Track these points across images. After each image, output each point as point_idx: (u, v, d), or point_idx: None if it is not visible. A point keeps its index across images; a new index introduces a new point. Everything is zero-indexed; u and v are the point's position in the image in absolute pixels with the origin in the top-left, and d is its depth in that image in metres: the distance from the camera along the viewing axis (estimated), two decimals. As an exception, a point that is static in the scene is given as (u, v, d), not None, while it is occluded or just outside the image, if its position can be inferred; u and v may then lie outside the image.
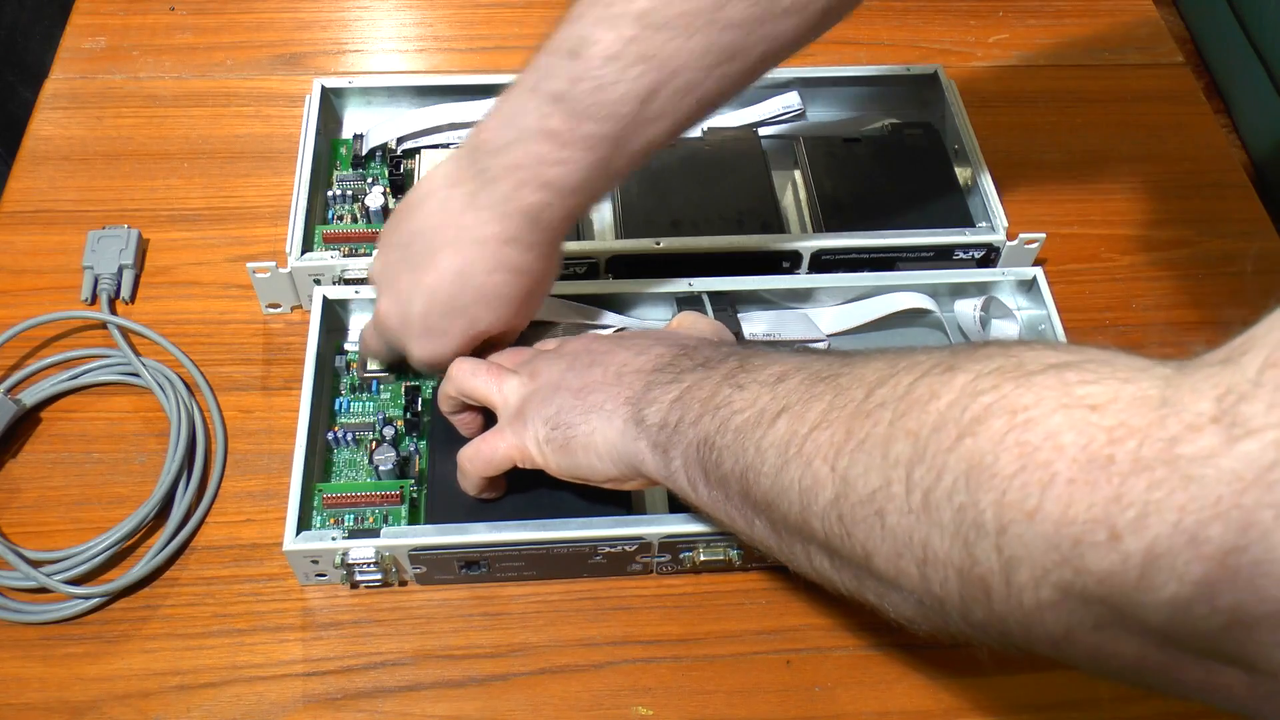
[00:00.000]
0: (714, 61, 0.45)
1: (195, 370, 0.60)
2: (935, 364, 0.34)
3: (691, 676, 0.52)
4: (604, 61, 0.45)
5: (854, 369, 0.38)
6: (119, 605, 0.53)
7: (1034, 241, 0.64)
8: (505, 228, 0.48)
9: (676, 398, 0.43)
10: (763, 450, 0.39)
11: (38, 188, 0.69)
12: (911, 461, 0.33)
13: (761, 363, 0.42)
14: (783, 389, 0.39)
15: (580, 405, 0.46)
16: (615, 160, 0.47)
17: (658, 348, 0.47)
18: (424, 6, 0.81)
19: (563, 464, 0.48)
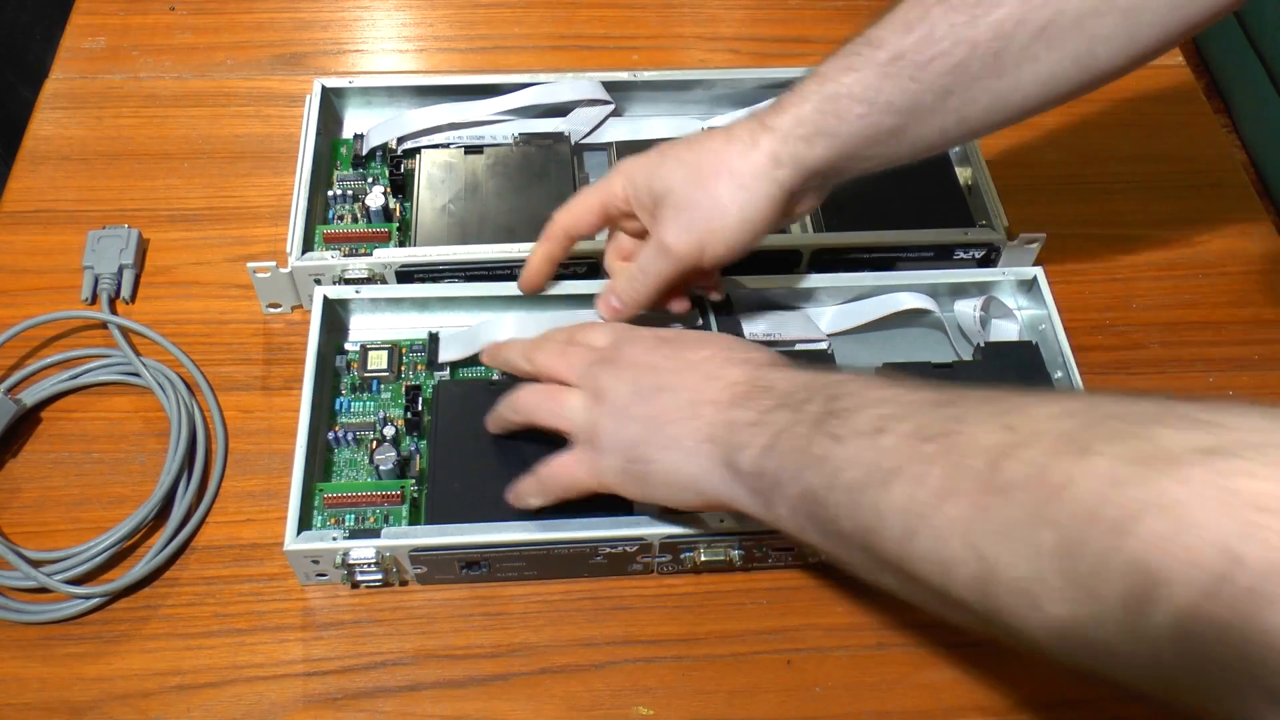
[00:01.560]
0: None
1: (195, 370, 0.60)
2: (1062, 439, 0.33)
3: (692, 676, 0.52)
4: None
5: (963, 429, 0.36)
6: (119, 605, 0.53)
7: (1034, 241, 0.64)
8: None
9: (768, 445, 0.42)
10: (882, 515, 0.37)
11: (38, 188, 0.69)
12: (1064, 554, 0.31)
13: (851, 405, 0.40)
14: (886, 446, 0.38)
15: (656, 439, 0.45)
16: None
17: (728, 373, 0.45)
18: (424, 6, 0.81)
19: (641, 493, 0.47)
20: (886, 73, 0.47)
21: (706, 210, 0.50)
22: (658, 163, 0.52)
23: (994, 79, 0.47)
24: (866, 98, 0.47)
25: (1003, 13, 0.45)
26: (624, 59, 0.79)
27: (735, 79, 0.71)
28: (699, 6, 0.83)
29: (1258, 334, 0.66)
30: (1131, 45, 0.47)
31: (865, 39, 0.48)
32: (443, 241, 0.63)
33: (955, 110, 0.48)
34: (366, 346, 0.59)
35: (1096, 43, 0.46)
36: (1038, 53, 0.46)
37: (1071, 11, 0.45)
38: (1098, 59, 0.47)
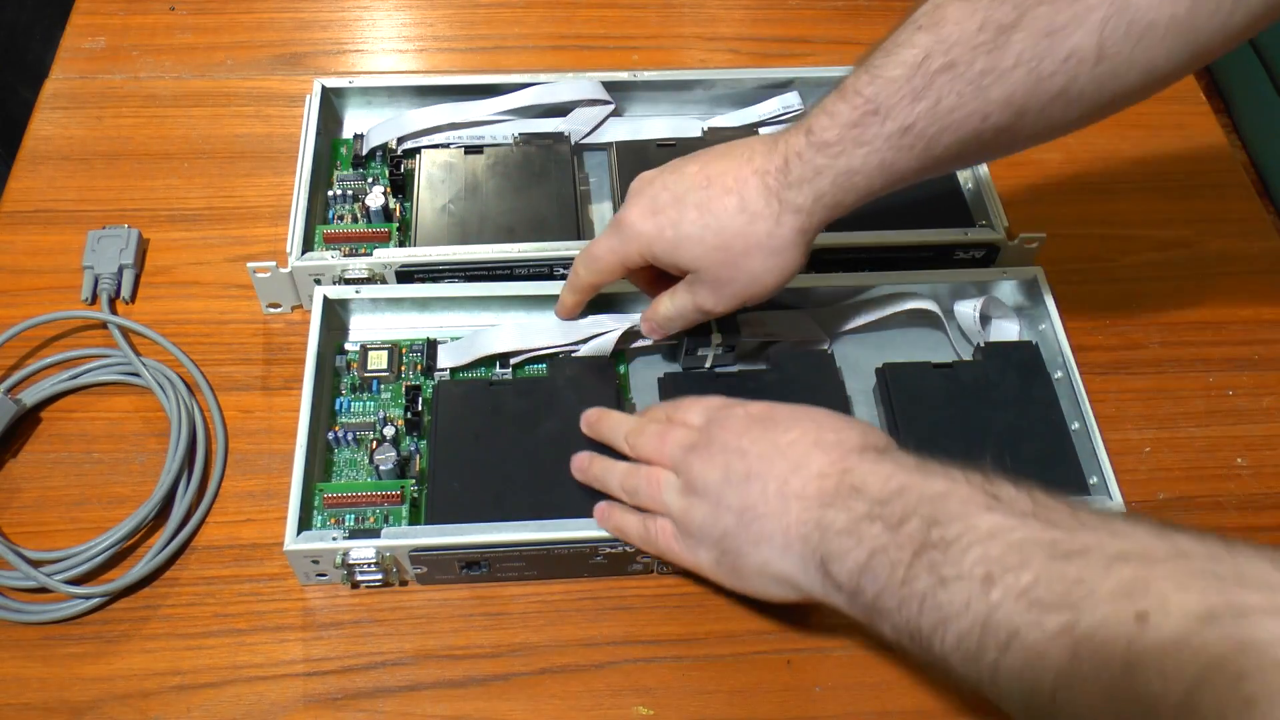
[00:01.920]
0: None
1: (195, 370, 0.60)
2: (1212, 666, 0.30)
3: (692, 676, 0.52)
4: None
5: (1086, 605, 0.33)
6: (119, 605, 0.53)
7: (1034, 241, 0.64)
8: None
9: (865, 564, 0.41)
10: (1001, 682, 0.36)
11: (38, 188, 0.69)
12: None
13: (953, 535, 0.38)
14: (999, 603, 0.36)
15: (748, 533, 0.45)
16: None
17: (815, 460, 0.44)
18: (424, 6, 0.81)
19: (737, 585, 0.48)
20: (898, 146, 0.46)
21: (745, 283, 0.51)
22: (676, 238, 0.50)
23: (1006, 143, 0.46)
24: (881, 171, 0.47)
25: (1013, 83, 0.43)
26: (624, 59, 0.79)
27: (735, 79, 0.71)
28: (699, 6, 0.83)
29: (1258, 334, 0.66)
30: (1150, 91, 0.44)
31: (867, 101, 0.45)
32: (443, 241, 0.63)
33: (969, 160, 0.48)
34: (366, 346, 0.59)
35: (1116, 98, 0.44)
36: (1053, 114, 0.44)
37: (1086, 78, 0.43)
38: (1115, 107, 0.45)
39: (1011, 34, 0.42)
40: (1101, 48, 0.41)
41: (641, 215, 0.51)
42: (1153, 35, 0.41)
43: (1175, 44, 0.41)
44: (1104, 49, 0.41)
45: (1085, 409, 0.57)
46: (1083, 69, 0.42)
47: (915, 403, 0.58)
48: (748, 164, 0.49)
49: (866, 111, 0.45)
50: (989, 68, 0.43)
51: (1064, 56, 0.42)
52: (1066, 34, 0.41)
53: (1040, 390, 0.58)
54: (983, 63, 0.43)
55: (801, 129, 0.47)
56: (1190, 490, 0.60)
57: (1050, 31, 0.41)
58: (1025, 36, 0.42)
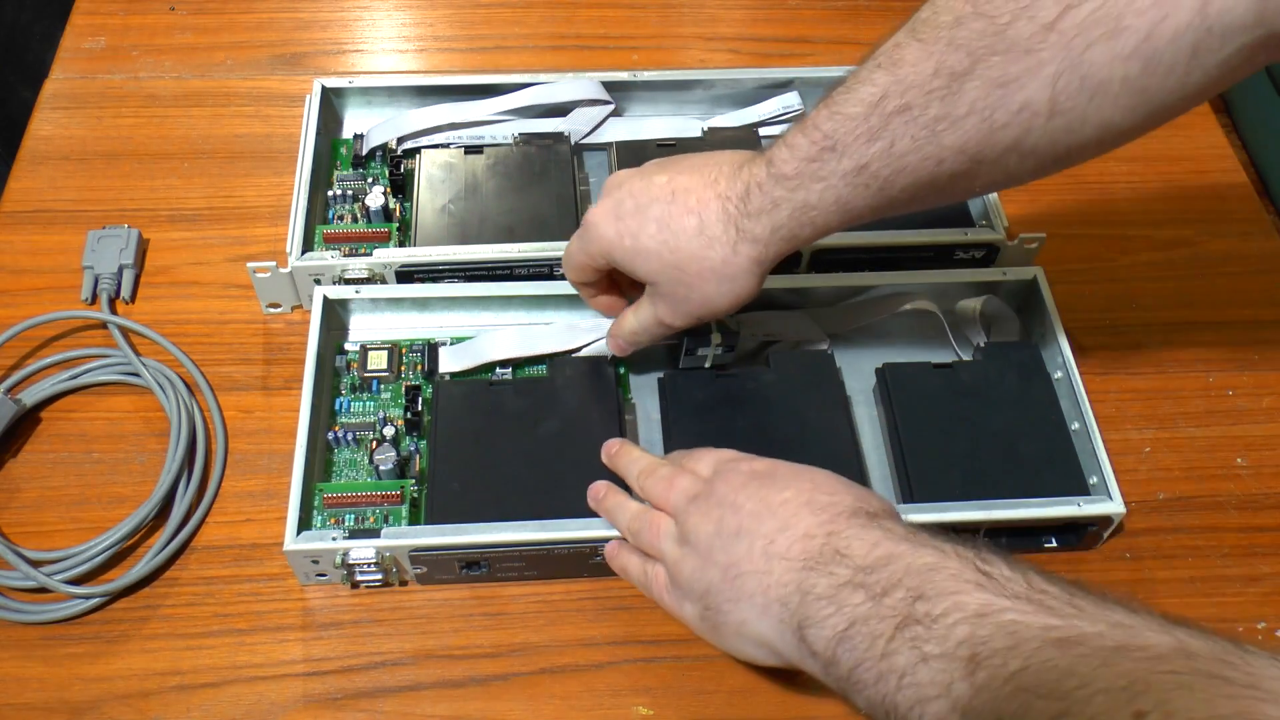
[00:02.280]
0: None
1: (195, 370, 0.60)
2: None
3: (692, 676, 0.52)
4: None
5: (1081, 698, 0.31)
6: (119, 605, 0.53)
7: (1034, 241, 0.64)
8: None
9: (843, 634, 0.40)
10: None
11: (38, 188, 0.69)
12: None
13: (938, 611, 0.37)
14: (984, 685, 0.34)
15: (730, 590, 0.44)
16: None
17: (804, 520, 0.44)
18: (424, 6, 0.81)
19: (718, 642, 0.47)
20: (854, 184, 0.45)
21: (698, 303, 0.50)
22: (634, 249, 0.50)
23: (966, 183, 0.45)
24: (838, 206, 0.46)
25: (966, 131, 0.42)
26: (624, 59, 0.79)
27: (735, 79, 0.71)
28: (699, 6, 0.83)
29: (1258, 334, 0.66)
30: (1105, 148, 0.44)
31: (825, 137, 0.45)
32: (443, 241, 0.63)
33: (921, 205, 0.47)
34: (366, 346, 0.60)
35: (1071, 152, 0.43)
36: (1009, 164, 0.44)
37: (1039, 131, 0.42)
38: (1071, 161, 0.44)
39: (965, 82, 0.41)
40: (1054, 102, 0.41)
41: (605, 218, 0.51)
42: (1106, 93, 0.40)
43: (1130, 102, 0.41)
44: (1057, 103, 0.41)
45: (1085, 409, 0.57)
46: (1036, 122, 0.41)
47: (915, 403, 0.58)
48: (712, 186, 0.49)
49: (824, 148, 0.45)
50: (943, 114, 0.42)
51: (1017, 109, 0.41)
52: (1019, 86, 0.41)
53: (1040, 390, 0.58)
54: (936, 109, 0.42)
55: (764, 158, 0.47)
56: (1190, 490, 0.60)
57: (1003, 83, 0.41)
58: (978, 86, 0.41)
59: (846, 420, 0.58)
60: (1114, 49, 0.39)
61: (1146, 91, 0.40)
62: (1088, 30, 0.39)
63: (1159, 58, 0.39)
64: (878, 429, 0.59)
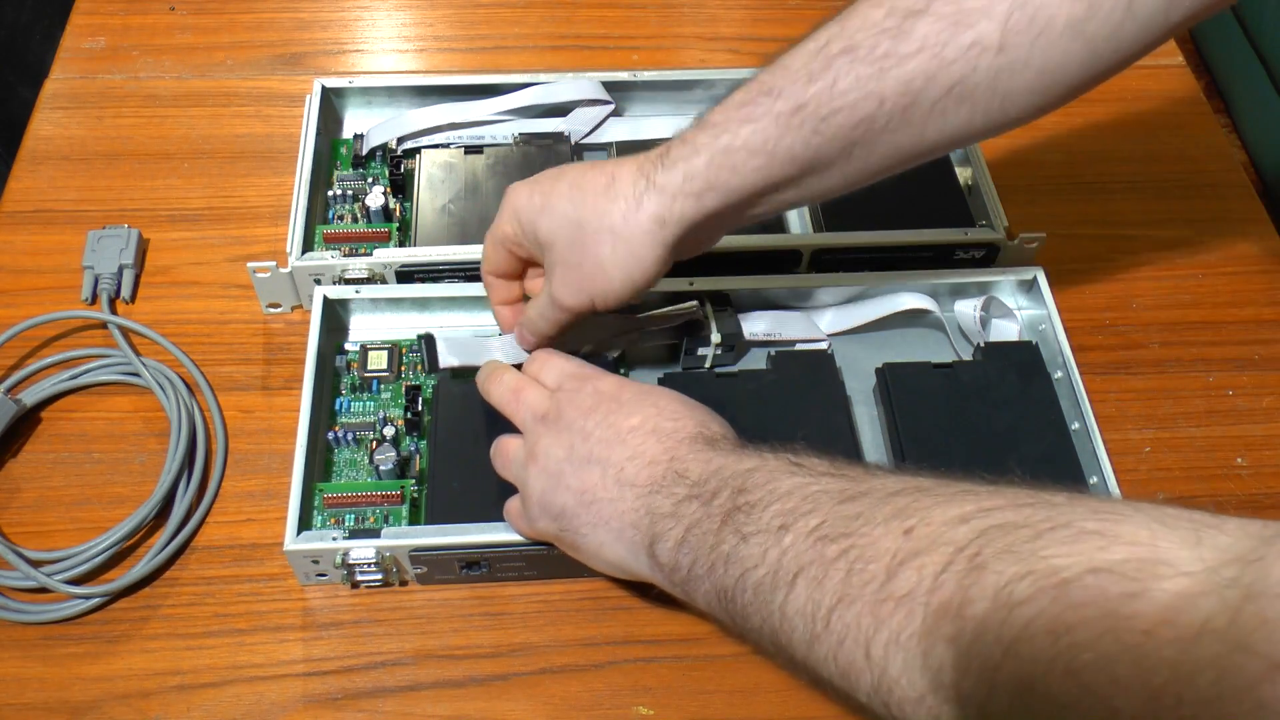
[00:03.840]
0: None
1: (195, 370, 0.60)
2: (957, 551, 0.33)
3: (692, 676, 0.52)
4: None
5: (863, 530, 0.36)
6: (119, 605, 0.53)
7: (1034, 241, 0.64)
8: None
9: (681, 539, 0.43)
10: (788, 617, 0.38)
11: (38, 188, 0.69)
12: (957, 671, 0.32)
13: (757, 499, 0.40)
14: (789, 544, 0.38)
15: (586, 515, 0.46)
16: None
17: (650, 448, 0.45)
18: (424, 6, 0.81)
19: (575, 556, 0.48)
20: (788, 124, 0.45)
21: (590, 271, 0.48)
22: (542, 205, 0.49)
23: (899, 132, 0.45)
24: (765, 149, 0.45)
25: (912, 67, 0.43)
26: (624, 59, 0.79)
27: (735, 79, 0.71)
28: (699, 6, 0.83)
29: (1258, 334, 0.66)
30: (1043, 99, 0.44)
31: (762, 86, 0.45)
32: (443, 241, 0.63)
33: (859, 160, 0.46)
34: (366, 346, 0.60)
35: (1009, 99, 0.44)
36: (947, 108, 0.44)
37: (985, 69, 0.43)
38: (1008, 114, 0.45)
39: (919, 18, 0.42)
40: (1004, 37, 0.42)
41: (519, 186, 0.51)
42: (1051, 31, 0.42)
43: (1070, 46, 0.42)
44: (1006, 39, 0.42)
45: (1085, 409, 0.57)
46: (984, 58, 0.42)
47: (915, 403, 0.58)
48: (634, 156, 0.48)
49: (759, 93, 0.45)
50: (890, 51, 0.43)
51: (968, 44, 0.42)
52: (972, 21, 0.42)
53: (1040, 390, 0.58)
54: (885, 45, 0.43)
55: (695, 118, 0.47)
56: (1190, 490, 0.60)
57: (958, 18, 0.42)
58: (932, 21, 0.42)
59: (846, 420, 0.58)
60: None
61: (1088, 39, 0.42)
62: None
63: (1100, 3, 0.41)
64: (878, 429, 0.59)
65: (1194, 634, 0.26)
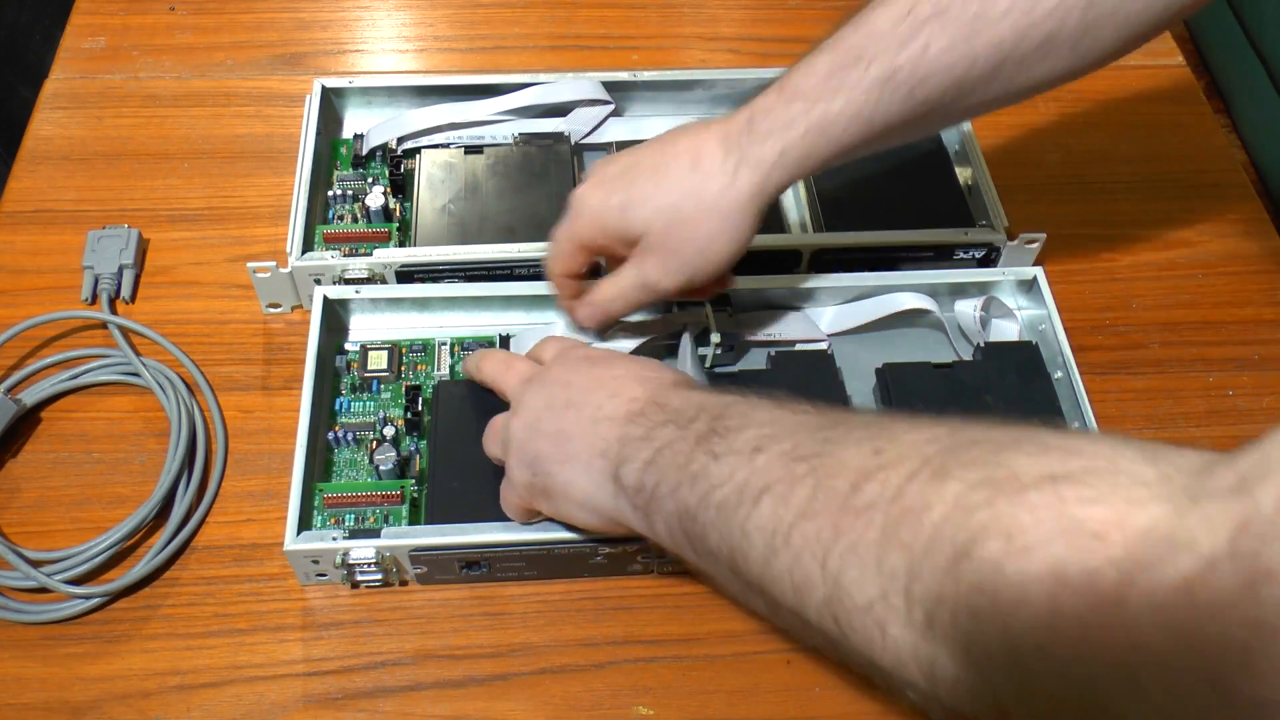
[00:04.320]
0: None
1: (195, 370, 0.60)
2: (923, 463, 0.33)
3: (692, 676, 0.52)
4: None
5: (834, 450, 0.36)
6: (119, 605, 0.53)
7: (1034, 241, 0.64)
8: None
9: (650, 460, 0.42)
10: (749, 534, 0.37)
11: (38, 188, 0.69)
12: (909, 576, 0.32)
13: (735, 424, 0.40)
14: (761, 464, 0.38)
15: (557, 454, 0.46)
16: None
17: (631, 389, 0.45)
18: (424, 6, 0.81)
19: (549, 508, 0.48)
20: (881, 92, 0.45)
21: (691, 253, 0.49)
22: (625, 202, 0.49)
23: (988, 87, 0.46)
24: (862, 117, 0.46)
25: (1003, 28, 0.44)
26: (624, 59, 0.79)
27: (735, 79, 0.71)
28: (699, 6, 0.83)
29: (1258, 334, 0.66)
30: (1128, 42, 0.46)
31: (850, 50, 0.45)
32: (443, 241, 0.63)
33: (947, 115, 0.47)
34: (366, 346, 0.60)
35: (1095, 47, 0.45)
36: (1034, 63, 0.45)
37: (1073, 24, 0.44)
38: (1089, 60, 0.46)
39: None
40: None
41: (589, 189, 0.51)
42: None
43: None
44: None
45: (1085, 409, 0.57)
46: (1072, 15, 0.43)
47: (915, 403, 0.58)
48: (706, 128, 0.48)
49: (849, 59, 0.45)
50: (980, 12, 0.44)
51: (1055, 3, 0.43)
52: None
53: (1040, 390, 0.58)
54: (975, 7, 0.44)
55: (774, 88, 0.47)
56: (1190, 490, 0.60)
57: None
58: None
59: (846, 420, 0.57)
60: None
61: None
62: None
63: None
64: (878, 429, 0.59)
65: (1140, 534, 0.26)
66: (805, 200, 0.67)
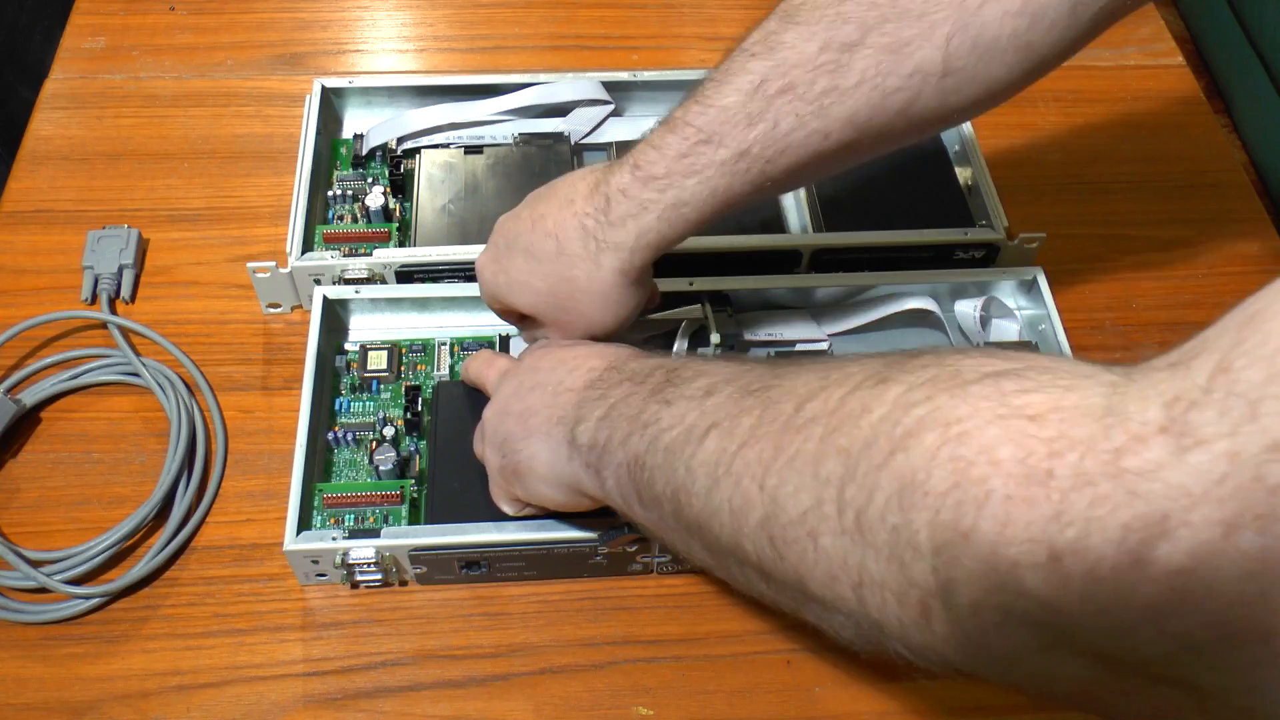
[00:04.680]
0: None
1: (195, 370, 0.60)
2: (868, 375, 0.33)
3: (692, 676, 0.52)
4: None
5: (784, 381, 0.36)
6: (119, 605, 0.53)
7: (1034, 241, 0.64)
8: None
9: (604, 415, 0.42)
10: (693, 470, 0.37)
11: (38, 188, 0.69)
12: (843, 480, 0.31)
13: (690, 374, 0.40)
14: (711, 404, 0.38)
15: (521, 430, 0.46)
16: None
17: (591, 362, 0.46)
18: (424, 6, 0.81)
19: (522, 492, 0.48)
20: (733, 171, 0.44)
21: (582, 327, 0.50)
22: (508, 283, 0.50)
23: (848, 157, 0.45)
24: (718, 194, 0.45)
25: (855, 101, 0.42)
26: (624, 59, 0.79)
27: (735, 79, 0.71)
28: (699, 6, 0.83)
29: (1258, 334, 0.66)
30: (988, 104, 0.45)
31: (699, 131, 0.44)
32: (443, 241, 0.63)
33: (807, 179, 0.47)
34: (366, 346, 0.60)
35: (954, 112, 0.44)
36: (894, 128, 0.44)
37: (930, 92, 0.43)
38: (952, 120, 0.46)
39: (855, 52, 0.42)
40: (947, 62, 0.41)
41: (484, 263, 0.52)
42: (995, 49, 0.41)
43: (1015, 58, 0.42)
44: (949, 64, 0.42)
45: (1085, 409, 0.57)
46: (928, 84, 0.42)
47: (915, 403, 0.58)
48: (568, 207, 0.48)
49: (698, 141, 0.44)
50: (830, 86, 0.43)
51: (909, 72, 0.42)
52: (912, 49, 0.41)
53: (1040, 390, 0.58)
54: (824, 82, 0.43)
55: (627, 164, 0.46)
56: (1190, 490, 0.59)
57: (896, 48, 0.41)
58: (870, 54, 0.42)
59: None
60: (1004, 5, 0.41)
61: (1031, 46, 0.42)
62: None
63: (1043, 13, 0.41)
64: (878, 429, 0.59)
65: (1074, 413, 0.26)
66: (805, 200, 0.67)
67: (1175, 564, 0.23)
